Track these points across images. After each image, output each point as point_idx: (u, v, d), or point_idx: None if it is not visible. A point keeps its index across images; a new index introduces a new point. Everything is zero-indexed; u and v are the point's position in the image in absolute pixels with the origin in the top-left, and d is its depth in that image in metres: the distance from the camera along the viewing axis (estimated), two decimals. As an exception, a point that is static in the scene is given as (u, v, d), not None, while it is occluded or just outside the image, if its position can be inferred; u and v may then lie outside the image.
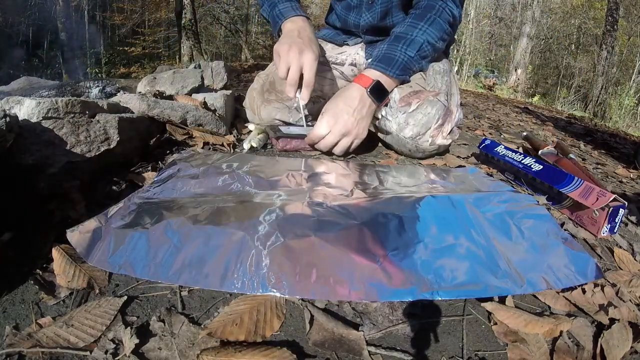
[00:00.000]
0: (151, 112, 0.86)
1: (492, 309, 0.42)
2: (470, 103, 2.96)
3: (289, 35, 0.91)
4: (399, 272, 0.43)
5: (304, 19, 0.95)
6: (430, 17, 0.89)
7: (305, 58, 0.86)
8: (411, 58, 0.88)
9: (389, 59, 0.88)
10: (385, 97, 0.90)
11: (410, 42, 0.88)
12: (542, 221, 0.58)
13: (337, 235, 0.49)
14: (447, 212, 0.59)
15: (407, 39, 0.88)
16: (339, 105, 0.87)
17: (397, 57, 0.88)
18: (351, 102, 0.86)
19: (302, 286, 0.40)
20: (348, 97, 0.87)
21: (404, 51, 0.88)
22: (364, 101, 0.87)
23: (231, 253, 0.44)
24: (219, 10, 9.05)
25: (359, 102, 0.86)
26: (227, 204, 0.55)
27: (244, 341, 0.35)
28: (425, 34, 0.88)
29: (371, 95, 0.87)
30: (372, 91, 0.87)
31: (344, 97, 0.87)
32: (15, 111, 0.61)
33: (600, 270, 0.49)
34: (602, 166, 1.30)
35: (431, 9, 0.89)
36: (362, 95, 0.87)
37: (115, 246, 0.44)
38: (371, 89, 0.87)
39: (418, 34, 0.88)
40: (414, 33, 0.88)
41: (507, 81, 7.88)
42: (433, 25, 0.89)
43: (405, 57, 0.88)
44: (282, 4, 0.97)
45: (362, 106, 0.87)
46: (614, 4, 5.76)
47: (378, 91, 0.88)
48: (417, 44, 0.88)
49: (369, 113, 0.89)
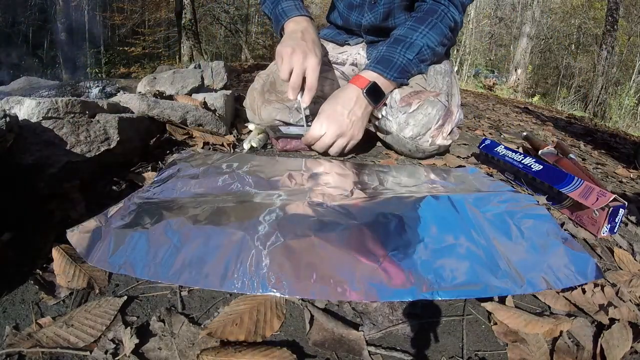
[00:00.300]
0: (151, 112, 0.86)
1: (492, 309, 0.42)
2: (470, 103, 2.96)
3: (292, 36, 0.90)
4: (399, 272, 0.43)
5: (307, 19, 0.94)
6: (431, 21, 0.88)
7: (308, 62, 0.86)
8: (409, 61, 0.88)
9: (387, 61, 0.88)
10: (382, 98, 0.90)
11: (410, 45, 0.88)
12: (542, 221, 0.58)
13: (337, 236, 0.49)
14: (447, 212, 0.59)
15: (407, 41, 0.88)
16: (335, 106, 0.87)
17: (396, 60, 0.87)
18: (347, 103, 0.86)
19: (302, 286, 0.40)
20: (344, 99, 0.87)
21: (402, 54, 0.88)
22: (360, 102, 0.87)
23: (231, 253, 0.44)
24: (219, 10, 9.06)
25: (355, 103, 0.86)
26: (227, 204, 0.55)
27: (244, 341, 0.35)
28: (425, 38, 0.88)
29: (367, 96, 0.86)
30: (369, 92, 0.87)
31: (340, 99, 0.87)
32: (15, 111, 0.61)
33: (600, 270, 0.49)
34: (602, 166, 1.30)
35: (433, 13, 0.89)
36: (358, 96, 0.86)
37: (115, 246, 0.44)
38: (367, 90, 0.86)
39: (418, 38, 0.88)
40: (414, 36, 0.88)
41: (507, 81, 7.88)
42: (434, 29, 0.89)
43: (404, 60, 0.88)
44: (285, 2, 0.96)
45: (358, 107, 0.86)
46: (614, 4, 5.76)
47: (374, 92, 0.87)
48: (416, 47, 0.88)
49: (365, 114, 0.89)
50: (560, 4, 10.12)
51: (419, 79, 0.94)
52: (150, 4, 8.33)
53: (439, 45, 0.91)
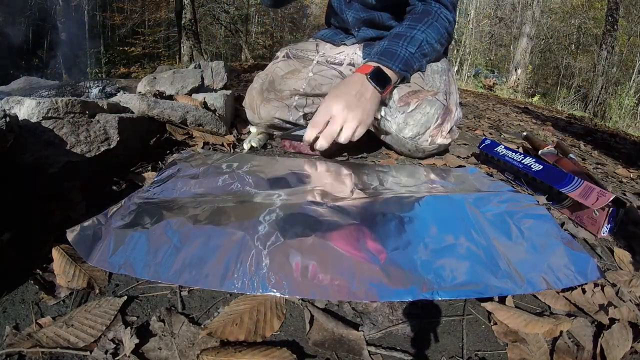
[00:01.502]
0: (151, 112, 0.86)
1: (492, 309, 0.42)
2: (470, 103, 2.96)
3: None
4: (399, 272, 0.43)
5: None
6: (427, 21, 0.90)
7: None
8: (412, 54, 0.88)
9: (391, 54, 0.87)
10: (387, 85, 0.86)
11: (411, 39, 0.88)
12: (542, 221, 0.58)
13: (337, 235, 0.49)
14: (447, 212, 0.59)
15: (407, 36, 0.88)
16: (339, 88, 0.83)
17: (399, 52, 0.87)
18: (352, 86, 0.82)
19: (302, 286, 0.40)
20: (348, 83, 0.83)
21: (405, 47, 0.88)
22: (366, 85, 0.83)
23: (231, 253, 0.44)
24: (219, 10, 9.05)
25: (361, 87, 0.82)
26: (227, 204, 0.55)
27: (244, 341, 0.35)
28: (424, 34, 0.89)
29: (372, 81, 0.83)
30: (373, 76, 0.83)
31: (344, 84, 0.84)
32: (15, 111, 0.61)
33: (600, 270, 0.49)
34: (602, 166, 1.30)
35: (427, 14, 0.91)
36: (363, 80, 0.83)
37: (115, 246, 0.44)
38: (371, 74, 0.83)
39: (417, 33, 0.88)
40: (413, 32, 0.89)
41: (507, 81, 7.88)
42: (431, 27, 0.90)
43: (407, 53, 0.88)
44: None
45: (365, 90, 0.83)
46: (614, 4, 5.76)
47: (379, 76, 0.84)
48: (417, 40, 0.88)
49: (373, 98, 0.84)
50: (560, 4, 10.12)
51: (417, 78, 0.94)
52: (150, 4, 8.33)
53: (437, 42, 0.92)
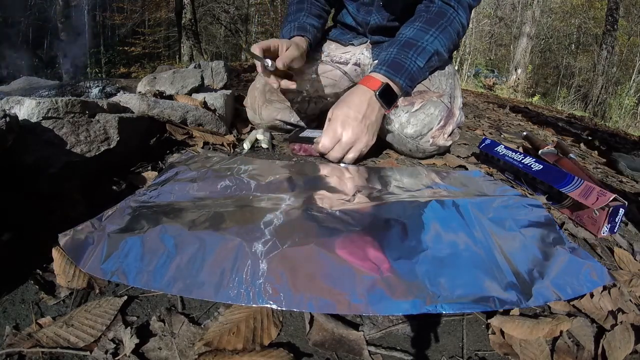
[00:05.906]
0: (151, 112, 0.86)
1: (499, 323, 0.40)
2: (470, 103, 2.95)
3: None
4: (402, 283, 0.42)
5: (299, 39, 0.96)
6: (441, 25, 0.87)
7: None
8: (420, 69, 0.86)
9: (400, 66, 0.85)
10: (394, 102, 0.87)
11: (422, 50, 0.86)
12: (549, 230, 0.56)
13: (338, 243, 0.47)
14: (451, 218, 0.56)
15: (419, 46, 0.86)
16: (347, 111, 0.83)
17: (407, 66, 0.85)
18: (360, 107, 0.82)
19: (299, 299, 0.39)
20: (356, 103, 0.83)
21: (414, 60, 0.85)
22: (373, 105, 0.83)
23: (227, 261, 0.42)
24: (219, 10, 9.05)
25: (368, 107, 0.83)
26: (226, 209, 0.54)
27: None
28: (436, 41, 0.86)
29: (380, 98, 0.84)
30: (381, 94, 0.84)
31: (352, 103, 0.83)
32: (15, 111, 0.61)
33: (612, 276, 0.47)
34: (602, 166, 1.30)
35: (443, 16, 0.87)
36: (371, 99, 0.83)
37: (108, 252, 0.43)
38: (380, 92, 0.83)
39: (429, 42, 0.86)
40: (425, 40, 0.86)
41: (507, 81, 7.87)
42: (444, 33, 0.87)
43: (414, 67, 0.85)
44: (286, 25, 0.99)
45: (371, 111, 0.83)
46: (614, 4, 5.76)
47: (387, 95, 0.84)
48: (427, 53, 0.86)
49: (378, 118, 0.86)
50: (560, 3, 10.12)
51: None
52: (150, 4, 8.32)
53: (446, 50, 0.90)
